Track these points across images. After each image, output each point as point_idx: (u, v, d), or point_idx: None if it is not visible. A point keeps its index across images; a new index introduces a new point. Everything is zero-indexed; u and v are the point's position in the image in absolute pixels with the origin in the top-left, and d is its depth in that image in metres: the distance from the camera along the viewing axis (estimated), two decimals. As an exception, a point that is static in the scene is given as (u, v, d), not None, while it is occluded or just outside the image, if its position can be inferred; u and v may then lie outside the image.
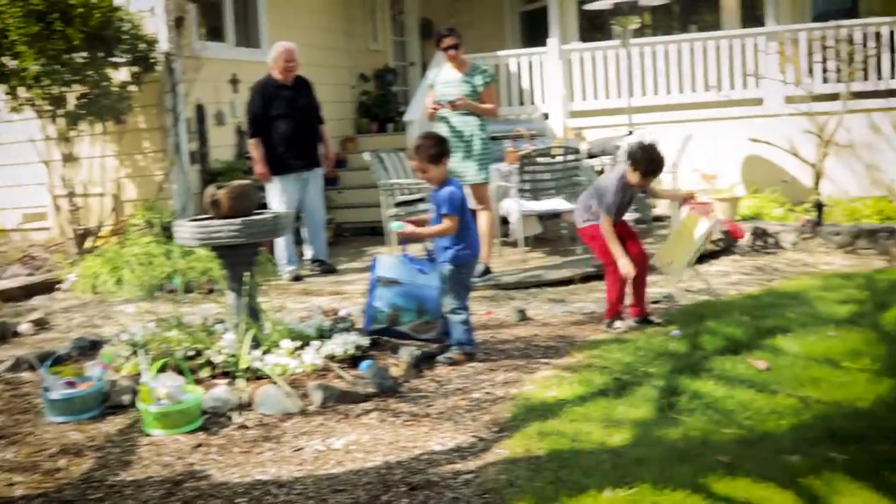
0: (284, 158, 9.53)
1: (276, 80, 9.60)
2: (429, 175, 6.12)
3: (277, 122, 9.52)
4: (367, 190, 12.32)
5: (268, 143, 9.50)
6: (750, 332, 6.45)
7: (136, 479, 4.43)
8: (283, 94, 9.59)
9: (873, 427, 4.78)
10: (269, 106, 9.51)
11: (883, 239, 9.88)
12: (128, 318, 8.07)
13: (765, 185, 11.80)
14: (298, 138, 9.61)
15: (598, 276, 8.79)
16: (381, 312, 6.22)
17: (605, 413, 4.99)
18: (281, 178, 9.54)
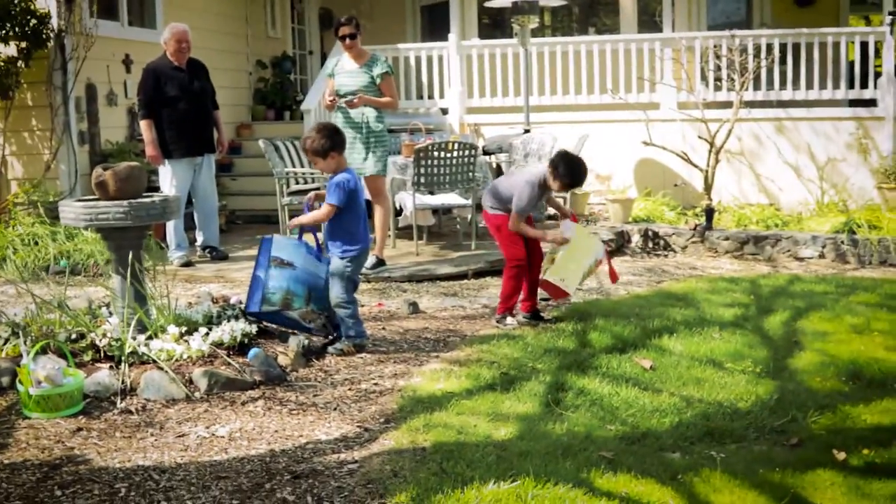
0: (177, 142, 9.36)
1: (170, 61, 9.42)
2: (319, 167, 6.16)
3: (170, 105, 9.33)
4: (261, 178, 12.20)
5: (160, 125, 9.31)
6: (637, 331, 6.56)
7: (12, 461, 4.31)
8: (177, 76, 9.41)
9: (752, 427, 4.91)
10: (162, 88, 9.31)
11: (769, 245, 10.16)
12: (11, 299, 7.86)
13: (658, 189, 12.01)
14: (192, 122, 9.44)
15: (491, 272, 8.90)
16: (274, 294, 5.99)
17: (492, 407, 5.02)
18: (173, 161, 9.36)
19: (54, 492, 3.97)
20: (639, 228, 10.63)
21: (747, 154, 11.97)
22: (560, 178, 6.61)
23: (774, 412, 5.11)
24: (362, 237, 6.16)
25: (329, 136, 6.05)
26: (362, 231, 6.16)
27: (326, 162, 6.05)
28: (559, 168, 6.61)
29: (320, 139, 6.01)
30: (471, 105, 13.32)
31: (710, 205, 10.73)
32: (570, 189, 6.90)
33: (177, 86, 9.38)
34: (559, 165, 6.62)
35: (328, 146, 6.01)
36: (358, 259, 6.18)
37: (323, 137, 6.02)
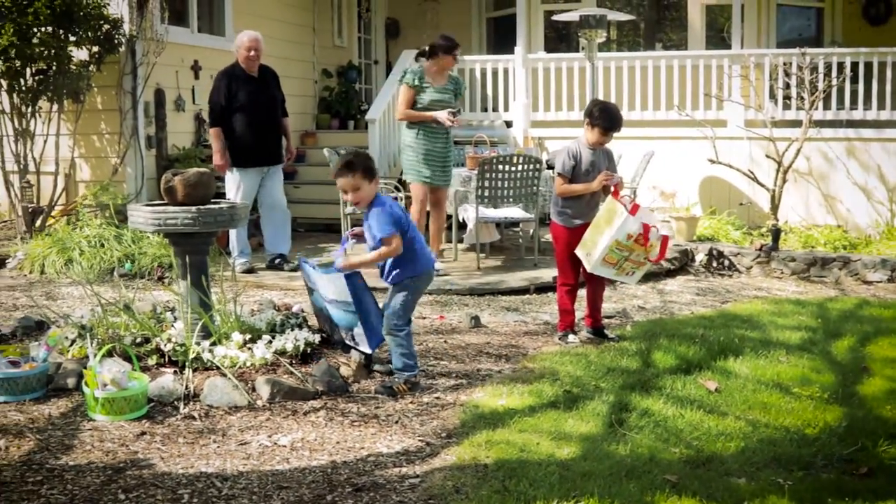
0: (246, 151, 9.30)
1: (241, 69, 9.38)
2: (361, 194, 5.38)
3: (241, 113, 9.26)
4: (324, 186, 12.24)
5: (229, 133, 9.27)
6: (702, 352, 6.46)
7: (77, 463, 4.34)
8: (249, 84, 9.35)
9: (820, 454, 4.80)
10: (233, 95, 9.25)
11: (836, 268, 9.98)
12: (76, 301, 7.95)
13: (723, 207, 11.88)
14: (261, 131, 9.37)
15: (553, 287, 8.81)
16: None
17: (555, 425, 4.97)
18: (241, 170, 9.32)
19: (118, 495, 3.99)
20: (703, 247, 10.50)
21: (815, 174, 11.80)
22: (596, 124, 6.57)
23: (843, 440, 5.00)
24: (422, 258, 5.66)
25: (370, 157, 5.72)
26: (420, 252, 5.64)
27: (371, 185, 5.42)
28: (594, 114, 6.62)
29: (368, 159, 5.58)
30: (535, 118, 13.29)
31: (776, 225, 10.58)
32: (608, 134, 6.63)
33: (248, 94, 9.29)
34: (593, 111, 6.64)
35: (374, 167, 5.53)
36: (422, 281, 5.72)
37: (369, 158, 5.64)
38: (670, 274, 9.96)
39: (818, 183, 11.80)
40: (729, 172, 11.55)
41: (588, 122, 6.60)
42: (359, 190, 5.35)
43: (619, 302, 8.42)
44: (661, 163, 11.32)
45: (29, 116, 10.11)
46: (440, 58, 9.27)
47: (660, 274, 9.82)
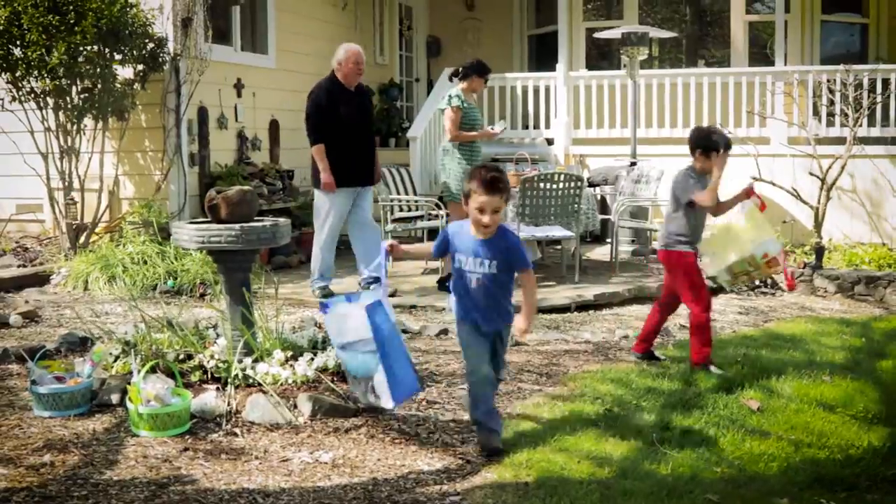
0: (342, 169, 8.87)
1: (340, 83, 9.02)
2: (499, 217, 4.74)
3: (339, 130, 8.90)
4: (367, 203, 12.28)
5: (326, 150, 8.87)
6: (744, 371, 6.42)
7: (121, 478, 4.38)
8: (348, 99, 9.02)
9: (864, 475, 4.75)
10: (332, 111, 8.88)
11: (882, 287, 9.87)
12: (119, 317, 8.03)
13: (765, 225, 11.79)
14: (358, 149, 9.02)
15: (595, 305, 8.82)
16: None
17: (595, 444, 4.95)
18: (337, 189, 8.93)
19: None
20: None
21: (860, 192, 11.69)
22: (697, 148, 6.51)
23: (887, 461, 4.94)
24: None
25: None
26: None
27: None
28: (693, 141, 6.57)
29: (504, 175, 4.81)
30: (576, 136, 13.29)
31: (819, 243, 10.49)
32: (709, 153, 6.46)
33: (347, 109, 8.94)
34: (693, 139, 6.60)
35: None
36: None
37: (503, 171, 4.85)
38: (713, 292, 9.87)
39: (863, 200, 11.70)
40: (772, 190, 11.45)
41: (692, 152, 6.55)
42: (499, 212, 4.70)
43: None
44: (704, 180, 11.26)
45: (74, 134, 10.24)
46: (472, 80, 9.41)
47: (702, 292, 9.75)
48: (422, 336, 7.43)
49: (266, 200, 10.98)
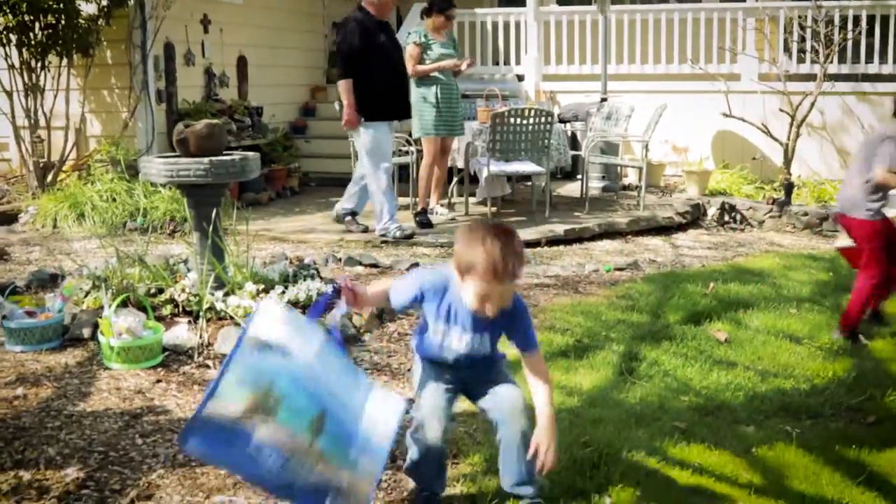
0: (379, 103, 8.60)
1: (371, 16, 8.68)
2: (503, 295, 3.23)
3: (374, 62, 8.56)
4: (335, 140, 12.26)
5: (360, 84, 8.53)
6: (713, 304, 6.49)
7: (94, 410, 4.40)
8: (381, 31, 8.71)
9: (828, 403, 4.84)
10: (366, 44, 8.53)
11: (848, 223, 9.95)
12: (89, 255, 7.99)
13: (735, 162, 11.85)
14: (395, 82, 8.79)
15: (565, 240, 8.87)
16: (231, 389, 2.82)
17: (565, 374, 5.01)
18: (374, 124, 8.61)
19: (135, 440, 4.05)
20: (715, 201, 10.51)
21: (829, 128, 11.74)
22: None
23: (852, 390, 5.03)
24: None
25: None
26: None
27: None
28: None
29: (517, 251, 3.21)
30: (547, 72, 13.24)
31: (789, 179, 10.56)
32: None
33: (381, 43, 8.67)
34: None
35: None
36: None
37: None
38: (682, 228, 9.96)
39: (832, 137, 11.75)
40: (742, 127, 11.50)
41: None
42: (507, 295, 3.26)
43: (630, 255, 8.44)
44: (674, 116, 11.26)
45: (38, 71, 10.10)
46: (434, 17, 9.31)
47: (672, 228, 9.83)
48: (392, 270, 7.45)
49: (234, 137, 10.91)
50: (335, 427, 2.88)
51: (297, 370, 2.90)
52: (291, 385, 2.85)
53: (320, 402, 2.89)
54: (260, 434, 2.74)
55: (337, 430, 2.88)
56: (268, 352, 2.91)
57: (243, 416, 2.74)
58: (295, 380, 2.87)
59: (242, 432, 2.73)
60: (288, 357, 2.92)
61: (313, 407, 2.86)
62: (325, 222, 9.69)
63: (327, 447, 2.83)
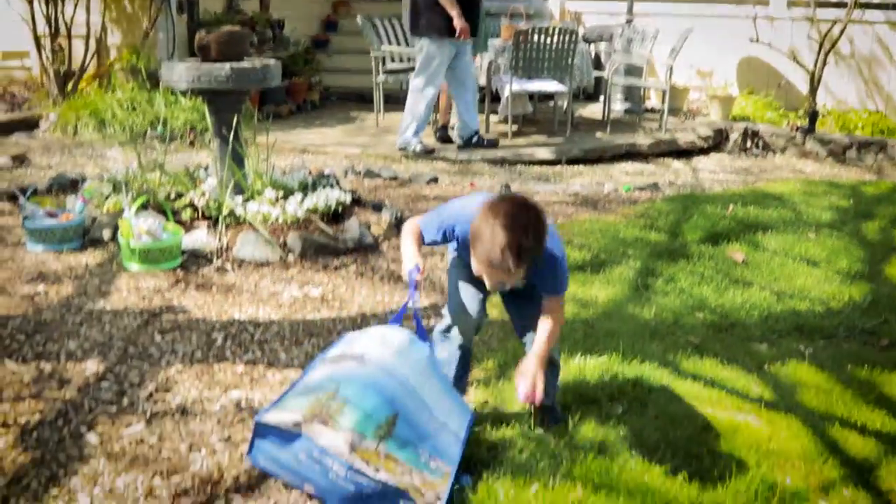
0: (447, 19, 8.41)
1: None
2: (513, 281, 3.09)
3: None
4: (357, 56, 12.17)
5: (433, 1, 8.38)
6: (731, 226, 6.47)
7: (114, 307, 4.46)
8: None
9: (843, 326, 4.85)
10: None
11: (873, 152, 9.88)
12: (108, 162, 8.02)
13: (760, 88, 11.72)
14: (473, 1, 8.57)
15: (584, 160, 8.84)
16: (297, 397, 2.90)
17: (582, 288, 5.03)
18: (438, 40, 8.53)
19: (154, 336, 4.11)
20: (738, 127, 10.41)
21: (857, 58, 11.57)
22: None
23: (866, 313, 5.04)
24: None
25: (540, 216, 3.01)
26: None
27: None
28: None
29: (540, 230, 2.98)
30: (573, -8, 13.07)
31: (813, 107, 10.45)
32: None
33: None
34: None
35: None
36: None
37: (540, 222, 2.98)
38: (703, 152, 9.90)
39: (860, 67, 11.58)
40: (769, 53, 11.35)
41: None
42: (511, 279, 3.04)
43: (651, 176, 8.41)
44: (700, 41, 11.10)
45: (60, -22, 10.04)
46: None
47: (693, 152, 9.78)
48: (412, 184, 7.45)
49: (255, 50, 10.82)
50: (407, 430, 2.81)
51: (369, 375, 2.88)
52: (360, 389, 2.80)
53: (392, 404, 2.82)
54: (323, 440, 2.69)
55: (408, 434, 2.81)
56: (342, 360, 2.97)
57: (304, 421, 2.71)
58: (365, 385, 2.83)
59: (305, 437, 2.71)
60: (362, 362, 2.93)
61: (384, 409, 2.79)
62: (346, 136, 9.66)
63: (396, 451, 2.75)
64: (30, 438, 3.18)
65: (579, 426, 3.37)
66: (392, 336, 3.11)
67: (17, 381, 3.62)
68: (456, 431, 3.00)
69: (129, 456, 3.09)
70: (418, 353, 3.09)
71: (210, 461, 3.08)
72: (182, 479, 2.97)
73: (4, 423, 3.27)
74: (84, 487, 2.90)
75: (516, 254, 2.86)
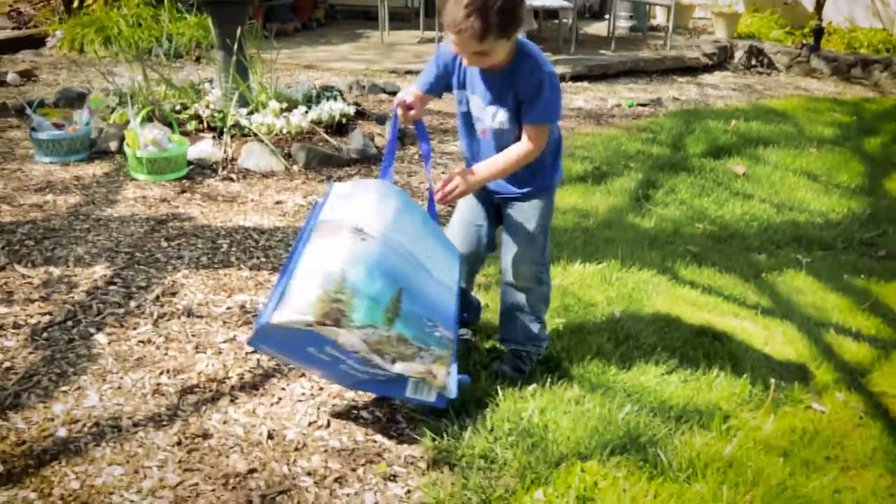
0: None
1: None
2: (491, 58, 2.78)
3: None
4: (362, -27, 12.11)
5: None
6: (733, 140, 6.51)
7: (121, 215, 4.52)
8: None
9: (841, 237, 4.92)
10: None
11: (878, 70, 9.85)
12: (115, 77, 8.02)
13: (766, 6, 11.65)
14: None
15: (588, 76, 8.83)
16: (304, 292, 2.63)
17: (582, 198, 5.09)
18: None
19: (160, 243, 4.18)
20: (743, 44, 10.37)
21: (864, -26, 11.50)
22: None
23: (865, 225, 5.10)
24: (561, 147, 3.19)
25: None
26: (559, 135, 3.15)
27: (510, 42, 2.77)
28: None
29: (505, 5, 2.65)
30: None
31: (819, 25, 10.39)
32: None
33: None
34: None
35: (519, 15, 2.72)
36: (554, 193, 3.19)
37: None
38: (708, 69, 9.88)
39: (867, -16, 11.52)
40: (775, -30, 11.28)
41: None
42: (487, 54, 2.74)
43: (654, 93, 8.41)
44: (707, -43, 11.07)
45: None
46: None
47: (698, 69, 9.75)
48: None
49: (261, -34, 10.78)
50: (411, 305, 2.70)
51: (372, 253, 2.67)
52: (365, 273, 2.63)
53: (396, 280, 2.69)
54: (341, 340, 2.57)
55: (412, 308, 2.70)
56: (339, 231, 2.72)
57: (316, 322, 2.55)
58: (368, 267, 2.64)
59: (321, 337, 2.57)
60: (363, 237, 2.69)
61: (389, 288, 2.66)
62: (351, 52, 9.65)
63: (404, 328, 2.67)
64: (40, 338, 3.26)
65: (577, 330, 3.45)
66: (388, 196, 2.87)
67: (26, 284, 3.69)
68: (450, 285, 2.93)
69: (136, 355, 3.17)
70: (412, 214, 2.90)
71: (215, 361, 3.16)
72: (188, 378, 3.05)
73: (15, 325, 3.35)
74: (93, 384, 2.98)
75: (480, 9, 2.60)
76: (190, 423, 2.79)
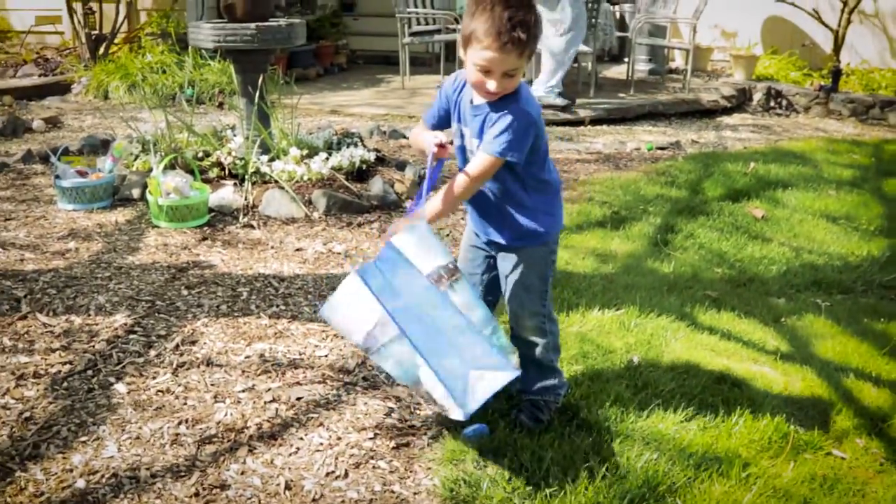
0: None
1: None
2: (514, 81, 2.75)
3: None
4: (382, 18, 12.20)
5: None
6: (751, 183, 6.51)
7: (142, 263, 4.56)
8: None
9: (860, 280, 4.89)
10: None
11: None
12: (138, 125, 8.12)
13: (784, 48, 11.68)
14: None
15: (608, 120, 8.86)
16: None
17: (601, 243, 5.10)
18: None
19: (181, 291, 4.21)
20: (761, 86, 10.40)
21: (882, 16, 11.50)
22: None
23: (884, 268, 5.08)
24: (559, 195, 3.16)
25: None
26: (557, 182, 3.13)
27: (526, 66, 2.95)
28: None
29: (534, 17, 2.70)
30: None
31: (837, 66, 10.41)
32: None
33: None
34: None
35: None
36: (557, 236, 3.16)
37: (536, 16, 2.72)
38: (727, 112, 9.90)
39: (885, 25, 11.52)
40: (793, 12, 11.29)
41: None
42: (515, 77, 2.73)
43: (673, 136, 8.43)
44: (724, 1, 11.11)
45: (90, -59, 10.12)
46: None
47: (716, 111, 9.78)
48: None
49: (282, 12, 10.91)
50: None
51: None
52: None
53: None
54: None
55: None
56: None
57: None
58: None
59: None
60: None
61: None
62: (373, 97, 9.74)
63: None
64: (60, 388, 3.29)
65: (596, 377, 3.45)
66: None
67: (48, 333, 3.73)
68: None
69: (155, 405, 3.20)
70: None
71: (234, 410, 3.18)
72: (206, 427, 3.06)
73: (36, 374, 3.38)
74: (112, 435, 3.00)
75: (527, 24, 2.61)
76: (208, 473, 2.80)
